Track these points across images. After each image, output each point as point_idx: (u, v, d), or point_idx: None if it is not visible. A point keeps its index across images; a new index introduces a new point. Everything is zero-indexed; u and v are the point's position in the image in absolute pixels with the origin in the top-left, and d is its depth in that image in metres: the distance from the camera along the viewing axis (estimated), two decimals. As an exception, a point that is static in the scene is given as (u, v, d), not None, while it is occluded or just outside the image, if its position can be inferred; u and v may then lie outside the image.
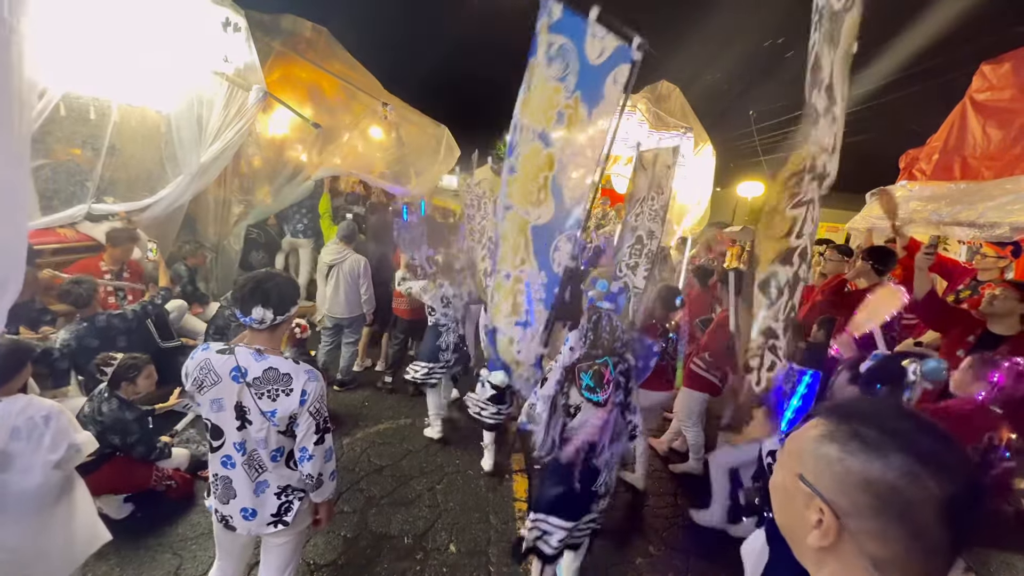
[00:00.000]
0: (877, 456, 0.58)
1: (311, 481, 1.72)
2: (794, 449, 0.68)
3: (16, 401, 1.88)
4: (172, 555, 2.52)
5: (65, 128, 3.78)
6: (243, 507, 1.74)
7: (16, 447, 1.81)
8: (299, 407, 1.64)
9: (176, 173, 4.27)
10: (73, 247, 3.83)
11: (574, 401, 2.06)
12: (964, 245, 5.03)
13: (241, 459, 1.70)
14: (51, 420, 1.88)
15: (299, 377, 1.65)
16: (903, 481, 0.56)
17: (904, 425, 0.61)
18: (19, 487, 1.81)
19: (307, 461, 1.69)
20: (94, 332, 3.04)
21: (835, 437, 0.62)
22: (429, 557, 2.70)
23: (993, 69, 4.23)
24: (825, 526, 0.60)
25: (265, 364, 1.64)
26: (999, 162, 3.97)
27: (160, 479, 2.81)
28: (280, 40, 5.47)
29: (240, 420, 1.66)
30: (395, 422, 4.13)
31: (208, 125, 4.22)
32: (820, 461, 0.63)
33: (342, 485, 3.22)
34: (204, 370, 1.64)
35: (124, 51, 3.59)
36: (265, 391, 1.63)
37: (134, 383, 2.65)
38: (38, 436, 1.85)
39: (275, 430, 1.67)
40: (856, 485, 0.59)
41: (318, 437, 1.68)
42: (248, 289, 1.63)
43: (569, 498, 2.07)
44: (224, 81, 4.20)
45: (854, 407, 0.67)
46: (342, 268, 4.38)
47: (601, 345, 2.09)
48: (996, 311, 2.58)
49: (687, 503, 3.35)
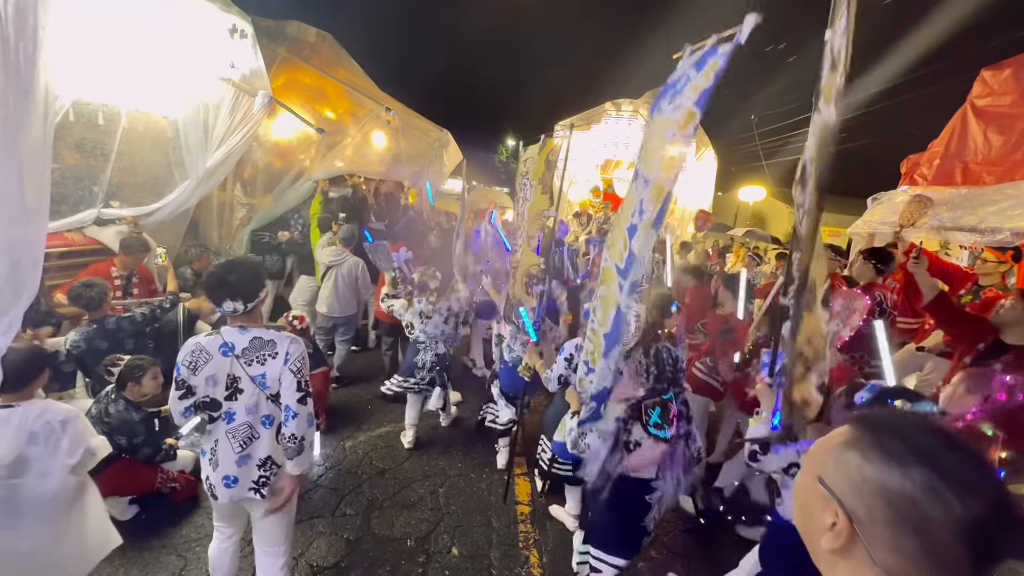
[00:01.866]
0: (898, 468, 0.58)
1: (293, 444, 1.82)
2: (818, 453, 0.70)
3: (33, 406, 1.90)
4: (176, 557, 2.54)
5: (75, 133, 3.83)
6: (225, 475, 1.85)
7: (33, 452, 1.83)
8: (283, 366, 1.82)
9: (183, 178, 4.32)
10: (80, 251, 3.87)
11: (635, 437, 1.98)
12: (965, 250, 5.02)
13: (226, 427, 1.83)
14: (68, 425, 1.90)
15: (282, 342, 1.85)
16: (923, 496, 0.56)
17: (931, 441, 0.60)
18: (35, 491, 1.83)
19: (292, 419, 1.82)
20: (103, 334, 3.06)
21: (858, 445, 0.63)
22: (431, 560, 2.71)
23: (993, 75, 4.25)
24: (838, 529, 0.61)
25: (250, 336, 1.84)
26: (1000, 167, 3.98)
27: (165, 481, 2.82)
28: (285, 46, 5.53)
29: (231, 390, 1.82)
30: (397, 425, 4.14)
31: (214, 130, 4.27)
32: (840, 466, 0.64)
33: (344, 488, 3.23)
34: (196, 352, 1.80)
35: (133, 57, 3.64)
36: (254, 358, 1.82)
37: (139, 384, 2.68)
38: (55, 441, 1.86)
39: (264, 395, 1.83)
40: (873, 493, 0.59)
41: (300, 396, 1.83)
42: (214, 284, 1.78)
43: (627, 535, 2.05)
44: (230, 87, 4.25)
45: (884, 418, 0.68)
46: (340, 269, 4.53)
47: (665, 378, 2.03)
48: (1004, 320, 2.53)
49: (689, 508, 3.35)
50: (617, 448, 1.93)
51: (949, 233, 4.08)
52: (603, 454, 1.91)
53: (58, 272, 3.64)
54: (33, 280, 1.26)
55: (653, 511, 2.03)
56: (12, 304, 1.20)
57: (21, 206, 1.26)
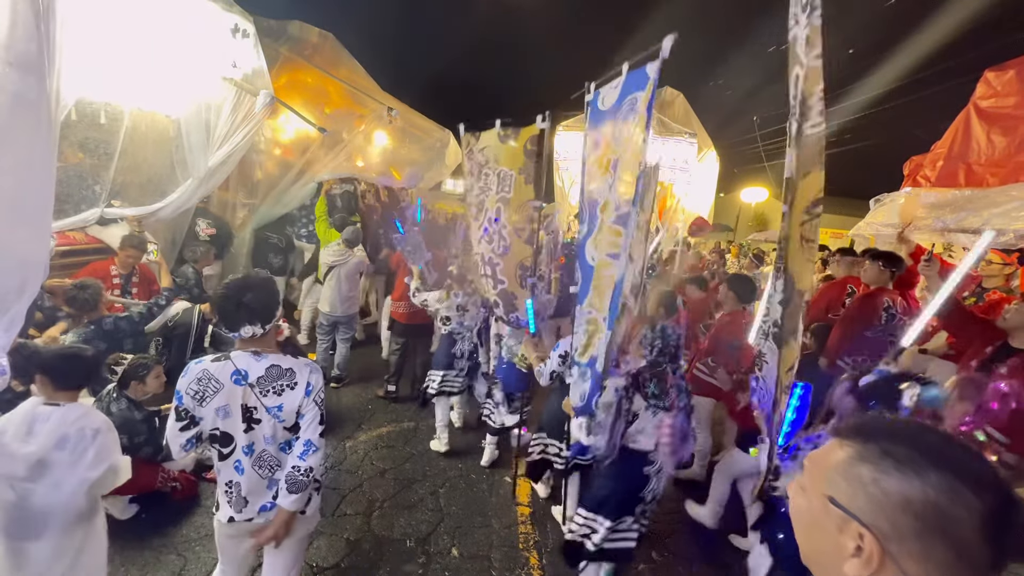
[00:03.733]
0: (914, 474, 0.56)
1: (305, 477, 1.68)
2: (818, 472, 0.65)
3: (74, 409, 1.83)
4: (176, 556, 2.54)
5: (78, 133, 3.83)
6: (262, 505, 1.76)
7: (56, 457, 1.73)
8: (305, 398, 1.69)
9: (185, 177, 4.32)
10: (82, 250, 3.87)
11: (636, 408, 2.10)
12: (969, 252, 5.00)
13: (249, 461, 1.72)
14: (100, 436, 1.82)
15: (302, 370, 1.71)
16: (944, 498, 0.54)
17: (933, 441, 0.59)
18: (43, 501, 1.73)
19: (312, 454, 1.70)
20: (101, 334, 3.06)
21: (866, 457, 0.60)
22: (432, 561, 2.71)
23: (997, 76, 4.23)
24: (867, 553, 0.57)
25: (267, 363, 1.67)
26: (1004, 169, 3.96)
27: (166, 480, 2.83)
28: (287, 46, 5.53)
29: (247, 422, 1.67)
30: (398, 425, 4.14)
31: (216, 130, 4.28)
32: (853, 483, 0.60)
33: (345, 488, 3.23)
34: (204, 380, 1.62)
35: (136, 57, 3.64)
36: (271, 387, 1.66)
37: (143, 382, 2.69)
38: (82, 450, 1.77)
39: (281, 426, 1.69)
40: (896, 506, 0.56)
41: (322, 429, 1.74)
42: (231, 308, 1.61)
43: (615, 498, 2.12)
44: (232, 86, 4.25)
45: (873, 425, 0.65)
46: (343, 269, 4.57)
47: (668, 353, 2.16)
48: (1010, 325, 2.55)
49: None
50: (620, 417, 2.02)
51: (952, 235, 4.07)
52: (608, 422, 1.99)
53: (61, 271, 3.64)
54: (36, 278, 1.26)
55: (652, 483, 2.11)
56: (15, 301, 1.20)
57: (25, 205, 1.26)
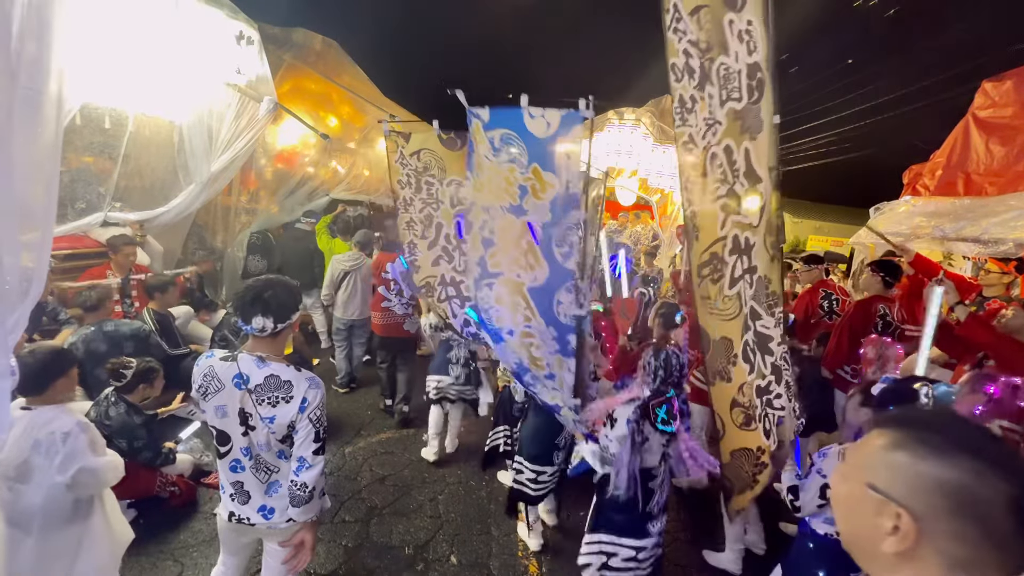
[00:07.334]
0: (947, 459, 0.61)
1: (303, 492, 1.64)
2: (859, 460, 0.71)
3: (43, 413, 1.81)
4: (173, 562, 2.52)
5: (83, 137, 3.86)
6: (261, 506, 1.76)
7: (36, 461, 1.74)
8: (298, 414, 1.63)
9: (188, 182, 4.35)
10: (84, 253, 3.89)
11: (645, 434, 2.12)
12: (969, 261, 5.02)
13: (249, 463, 1.72)
14: (70, 439, 1.79)
15: (300, 384, 1.65)
16: (975, 480, 0.59)
17: (963, 428, 0.65)
18: (26, 502, 1.74)
19: (305, 471, 1.65)
20: (102, 336, 3.07)
21: (903, 444, 0.65)
22: (430, 568, 2.69)
23: (995, 87, 4.27)
24: (903, 531, 0.62)
25: (267, 371, 1.65)
26: (1002, 178, 3.99)
27: (164, 485, 2.82)
28: (291, 53, 5.59)
29: (244, 426, 1.67)
30: (398, 432, 4.13)
31: (219, 135, 4.31)
32: (891, 469, 0.65)
33: (343, 494, 3.21)
34: (208, 377, 1.65)
35: (141, 62, 3.67)
36: (266, 398, 1.63)
37: (152, 385, 2.72)
38: (52, 454, 1.76)
39: (274, 437, 1.68)
40: (930, 489, 0.61)
41: (317, 447, 1.66)
42: (248, 299, 1.63)
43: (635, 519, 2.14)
44: (236, 92, 4.29)
45: (911, 416, 0.73)
46: (359, 273, 4.61)
47: (671, 381, 2.20)
48: (1009, 329, 2.58)
49: (690, 518, 3.32)
50: (635, 450, 2.04)
51: (952, 244, 4.09)
52: (626, 458, 2.01)
53: (64, 274, 3.65)
54: (39, 281, 1.27)
55: (656, 496, 2.14)
56: (18, 303, 1.21)
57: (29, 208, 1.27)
